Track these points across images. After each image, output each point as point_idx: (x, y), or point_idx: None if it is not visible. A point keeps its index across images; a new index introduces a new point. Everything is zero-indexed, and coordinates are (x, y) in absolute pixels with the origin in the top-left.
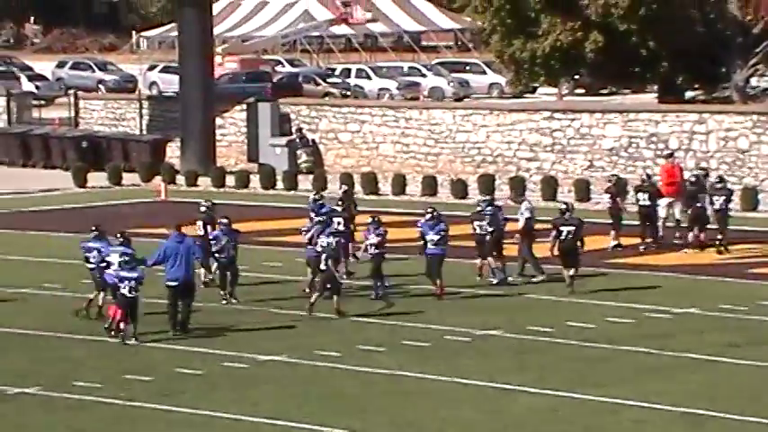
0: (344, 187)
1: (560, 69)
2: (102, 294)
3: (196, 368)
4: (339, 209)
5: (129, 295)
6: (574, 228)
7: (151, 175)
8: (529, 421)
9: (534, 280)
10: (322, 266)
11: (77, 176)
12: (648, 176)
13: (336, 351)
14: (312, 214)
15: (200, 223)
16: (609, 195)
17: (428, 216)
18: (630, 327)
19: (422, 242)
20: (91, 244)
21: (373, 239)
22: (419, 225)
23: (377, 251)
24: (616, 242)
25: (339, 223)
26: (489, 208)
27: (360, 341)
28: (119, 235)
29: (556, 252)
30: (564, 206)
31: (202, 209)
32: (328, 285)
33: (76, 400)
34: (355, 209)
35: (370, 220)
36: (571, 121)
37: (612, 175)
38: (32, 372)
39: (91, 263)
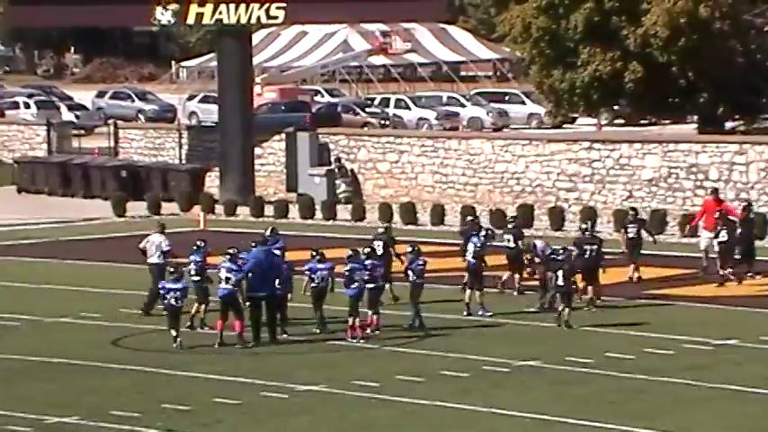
0: (469, 218)
1: (600, 100)
2: (203, 306)
3: (234, 398)
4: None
5: (176, 305)
6: (596, 246)
7: (190, 205)
8: None
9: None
10: (560, 282)
11: (117, 206)
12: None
13: (374, 381)
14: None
15: (378, 244)
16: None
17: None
18: (669, 358)
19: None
20: (192, 257)
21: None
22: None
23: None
24: (637, 274)
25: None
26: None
27: (398, 371)
28: (228, 252)
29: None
30: (585, 225)
31: (380, 230)
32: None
33: (114, 428)
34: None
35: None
36: (610, 152)
37: (631, 208)
38: (71, 401)
39: (192, 275)
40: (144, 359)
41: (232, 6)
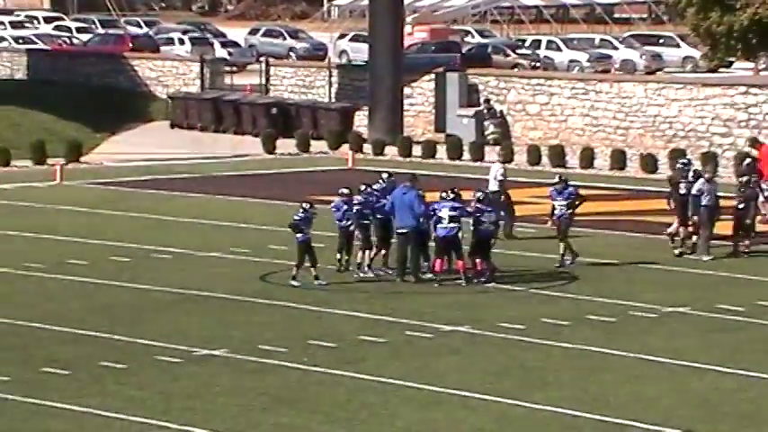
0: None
1: (758, 44)
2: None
3: (380, 336)
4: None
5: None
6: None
7: (339, 144)
8: (714, 400)
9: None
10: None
11: (266, 143)
12: None
13: (520, 324)
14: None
15: None
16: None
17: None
18: None
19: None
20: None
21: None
22: (549, 192)
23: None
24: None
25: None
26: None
27: (545, 314)
28: (450, 192)
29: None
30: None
31: None
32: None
33: (261, 363)
34: None
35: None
36: (767, 97)
37: (682, 162)
38: (219, 335)
39: (339, 221)
40: (291, 295)
41: None
